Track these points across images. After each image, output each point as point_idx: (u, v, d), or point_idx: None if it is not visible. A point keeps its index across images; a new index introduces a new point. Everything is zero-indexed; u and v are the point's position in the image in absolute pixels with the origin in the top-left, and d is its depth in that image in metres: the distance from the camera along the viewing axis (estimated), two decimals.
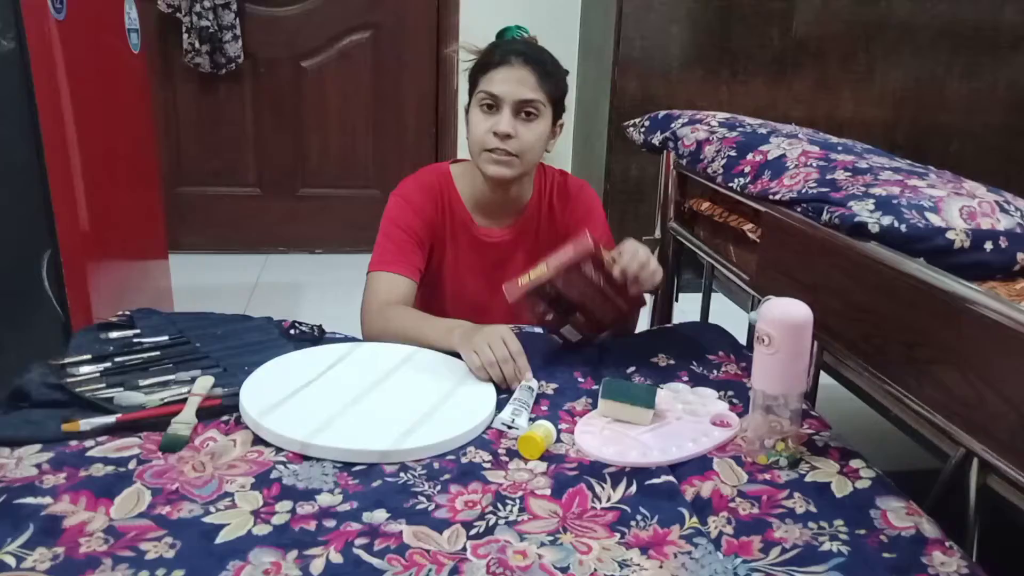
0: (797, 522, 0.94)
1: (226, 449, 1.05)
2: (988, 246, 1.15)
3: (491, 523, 0.93)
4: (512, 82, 1.41)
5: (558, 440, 1.11)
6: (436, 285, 1.55)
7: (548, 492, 0.99)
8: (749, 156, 1.52)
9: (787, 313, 1.03)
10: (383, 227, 1.49)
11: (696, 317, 1.82)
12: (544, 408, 1.20)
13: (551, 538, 0.90)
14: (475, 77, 1.45)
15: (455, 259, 1.54)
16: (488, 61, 1.43)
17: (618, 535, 0.92)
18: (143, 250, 2.28)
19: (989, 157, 3.24)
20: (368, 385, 1.20)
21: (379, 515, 0.93)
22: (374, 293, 1.43)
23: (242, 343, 1.32)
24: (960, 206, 1.19)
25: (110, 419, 1.07)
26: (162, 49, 3.19)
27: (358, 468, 1.02)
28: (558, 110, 1.48)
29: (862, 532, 0.92)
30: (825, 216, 1.23)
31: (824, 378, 1.31)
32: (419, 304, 1.53)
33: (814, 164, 1.38)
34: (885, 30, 3.07)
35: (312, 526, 0.90)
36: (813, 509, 0.97)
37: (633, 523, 0.94)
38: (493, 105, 1.42)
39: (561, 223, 1.57)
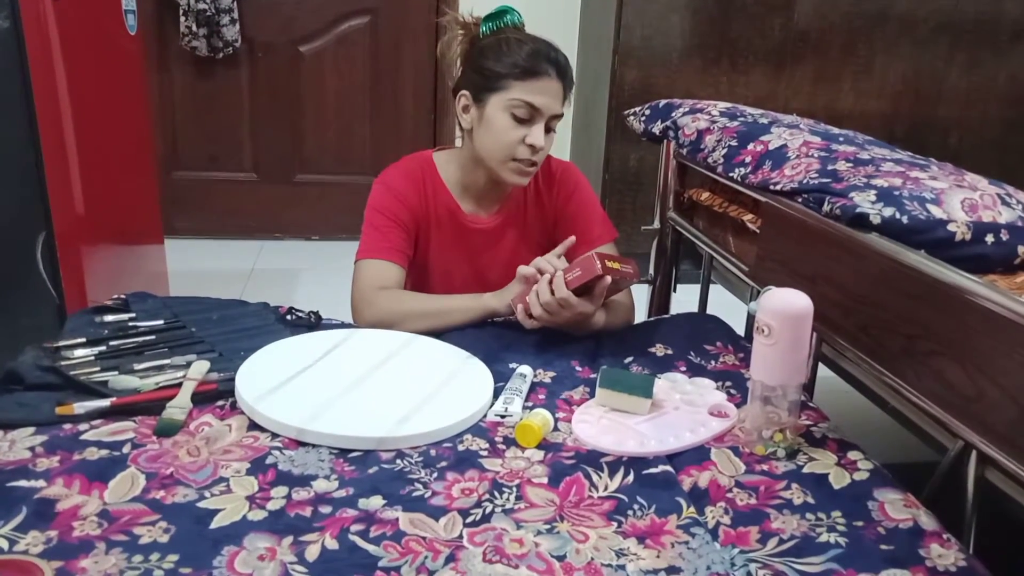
0: (795, 513, 0.94)
1: (221, 434, 1.04)
2: (989, 239, 1.15)
3: (488, 511, 0.92)
4: (550, 95, 1.39)
5: (555, 429, 1.11)
6: (423, 273, 1.54)
7: (545, 481, 0.99)
8: (750, 146, 1.51)
9: (787, 303, 1.03)
10: (368, 216, 1.48)
11: (694, 308, 1.82)
12: (541, 397, 1.20)
13: (548, 526, 0.90)
14: (500, 77, 1.38)
15: (441, 246, 1.53)
16: (522, 66, 1.37)
17: (615, 524, 0.91)
18: (138, 234, 2.27)
19: (988, 150, 3.24)
20: (365, 372, 1.19)
21: (375, 502, 0.92)
22: (365, 280, 1.42)
23: (238, 328, 1.31)
24: (962, 198, 1.18)
25: (105, 403, 1.06)
26: (159, 32, 3.17)
27: (354, 454, 1.02)
28: None
29: (860, 524, 0.92)
30: (826, 207, 1.23)
31: (822, 370, 1.31)
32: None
33: (815, 155, 1.38)
34: (886, 22, 3.06)
35: (308, 512, 0.90)
36: (811, 500, 0.96)
37: (630, 512, 0.93)
38: (528, 116, 1.39)
39: (549, 205, 1.56)
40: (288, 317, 1.39)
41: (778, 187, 1.36)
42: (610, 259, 1.29)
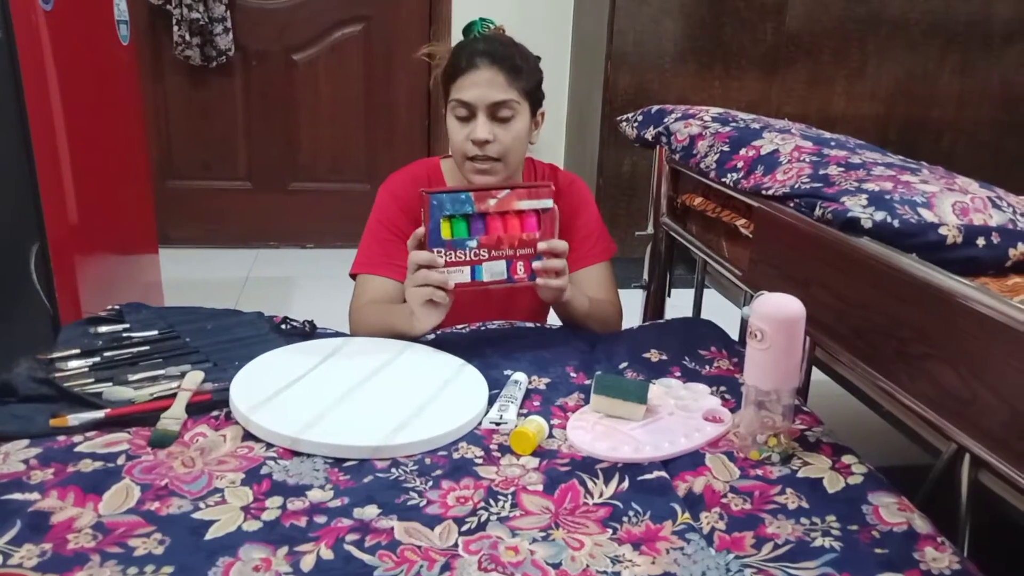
0: (789, 518, 0.94)
1: (216, 444, 1.04)
2: (980, 242, 1.15)
3: (483, 519, 0.92)
4: (481, 86, 1.37)
5: (550, 436, 1.11)
6: None
7: (540, 488, 0.99)
8: (742, 151, 1.52)
9: (780, 308, 1.03)
10: (369, 225, 1.48)
11: (688, 312, 1.82)
12: (536, 403, 1.20)
13: (543, 534, 0.90)
14: (446, 84, 1.42)
15: None
16: (455, 67, 1.40)
17: (610, 531, 0.91)
18: (132, 244, 2.27)
19: (980, 153, 3.25)
20: (359, 380, 1.19)
21: (370, 511, 0.92)
22: (358, 294, 1.43)
23: (232, 338, 1.31)
24: (952, 202, 1.19)
25: (99, 414, 1.06)
26: (152, 41, 3.17)
27: (349, 464, 1.02)
28: (535, 101, 1.45)
29: (854, 528, 0.92)
30: (818, 211, 1.23)
31: (816, 374, 1.31)
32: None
33: (807, 159, 1.38)
34: (878, 25, 3.08)
35: (303, 522, 0.90)
36: (805, 505, 0.96)
37: (625, 519, 0.94)
38: (467, 113, 1.39)
39: None
40: (283, 326, 1.39)
41: (770, 192, 1.37)
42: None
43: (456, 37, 1.52)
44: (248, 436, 1.06)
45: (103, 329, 1.31)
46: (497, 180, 1.42)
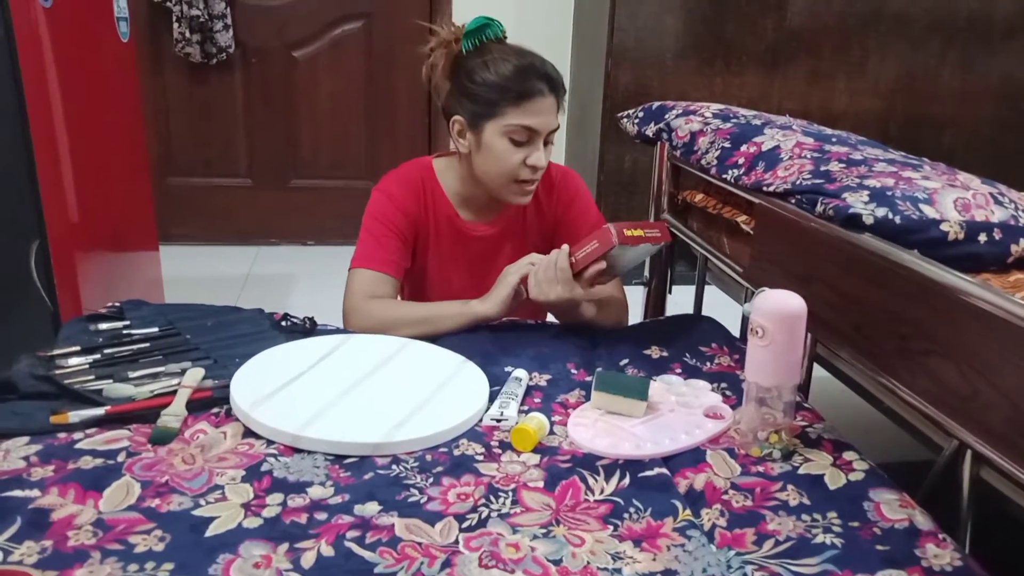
0: (790, 514, 0.94)
1: (216, 441, 1.04)
2: (982, 238, 1.15)
3: (484, 516, 0.92)
4: (545, 114, 1.38)
5: (551, 432, 1.11)
6: (421, 280, 1.54)
7: (541, 484, 0.99)
8: (743, 147, 1.52)
9: (781, 305, 1.03)
10: (365, 223, 1.47)
11: (689, 309, 1.82)
12: (537, 400, 1.20)
13: (544, 530, 0.90)
14: (493, 103, 1.37)
15: (439, 254, 1.52)
16: (515, 90, 1.36)
17: (611, 527, 0.91)
18: (133, 241, 2.27)
19: (981, 149, 3.25)
20: (360, 377, 1.19)
21: (371, 508, 0.92)
22: (357, 289, 1.42)
23: (233, 335, 1.31)
24: (954, 198, 1.19)
25: (99, 411, 1.06)
26: (152, 38, 3.17)
27: (350, 460, 1.02)
28: None
29: (855, 524, 0.92)
30: (819, 208, 1.23)
31: (817, 370, 1.31)
32: (404, 300, 1.52)
33: (808, 155, 1.38)
34: (879, 21, 3.07)
35: (303, 519, 0.90)
36: (806, 501, 0.96)
37: (626, 515, 0.93)
38: (526, 138, 1.38)
39: (548, 212, 1.56)
40: (283, 323, 1.39)
41: (771, 188, 1.37)
42: (630, 227, 1.29)
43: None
44: (249, 433, 1.06)
45: (103, 326, 1.31)
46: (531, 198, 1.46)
